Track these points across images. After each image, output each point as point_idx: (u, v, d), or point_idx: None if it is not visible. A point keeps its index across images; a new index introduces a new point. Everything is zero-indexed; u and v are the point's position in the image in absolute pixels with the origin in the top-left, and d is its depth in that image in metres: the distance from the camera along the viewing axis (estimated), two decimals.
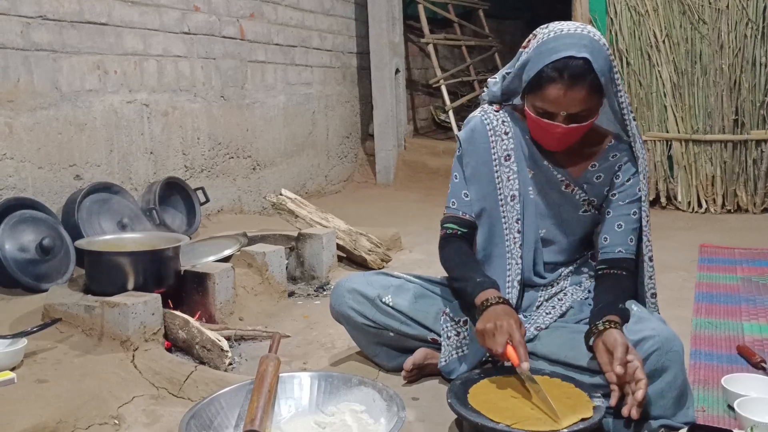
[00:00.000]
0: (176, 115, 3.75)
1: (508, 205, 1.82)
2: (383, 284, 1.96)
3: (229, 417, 1.62)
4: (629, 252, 1.80)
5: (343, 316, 2.00)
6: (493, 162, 1.83)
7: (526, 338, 1.79)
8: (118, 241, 2.43)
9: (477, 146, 1.84)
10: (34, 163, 2.91)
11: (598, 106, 1.70)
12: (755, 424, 1.54)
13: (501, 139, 1.83)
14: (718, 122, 4.44)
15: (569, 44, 1.63)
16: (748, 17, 4.29)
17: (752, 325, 2.36)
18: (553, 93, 1.64)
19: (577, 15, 4.67)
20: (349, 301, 1.95)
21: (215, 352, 2.05)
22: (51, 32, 2.97)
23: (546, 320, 1.82)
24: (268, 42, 4.64)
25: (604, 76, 1.64)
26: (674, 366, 1.57)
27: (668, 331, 1.61)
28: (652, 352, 1.56)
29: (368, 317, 1.95)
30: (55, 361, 1.98)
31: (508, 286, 1.82)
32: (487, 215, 1.84)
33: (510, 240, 1.82)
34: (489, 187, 1.83)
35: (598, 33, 1.70)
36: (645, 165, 1.82)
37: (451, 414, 1.63)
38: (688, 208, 4.52)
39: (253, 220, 4.07)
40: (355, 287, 1.96)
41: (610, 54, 1.68)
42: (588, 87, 1.63)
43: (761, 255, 3.23)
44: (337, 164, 5.74)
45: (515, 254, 1.82)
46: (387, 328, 1.94)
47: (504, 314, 1.63)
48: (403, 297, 1.93)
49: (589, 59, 1.61)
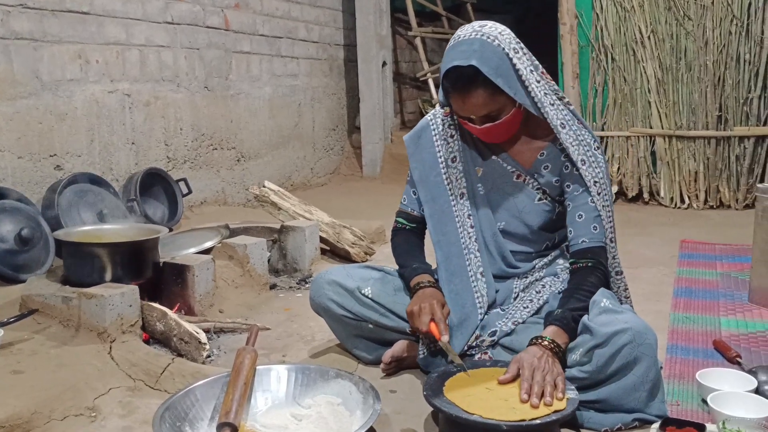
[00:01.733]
0: (158, 105, 3.72)
1: (459, 204, 1.90)
2: (363, 276, 1.98)
3: (204, 409, 1.61)
4: (594, 240, 1.79)
5: (322, 308, 2.00)
6: (440, 165, 1.91)
7: (504, 332, 1.82)
8: (98, 232, 2.41)
9: (423, 151, 1.93)
10: (13, 153, 2.88)
11: (509, 102, 1.72)
12: (727, 418, 1.55)
13: (447, 143, 1.91)
14: (701, 118, 4.46)
15: (458, 53, 1.68)
16: (733, 14, 4.31)
17: (729, 320, 2.38)
18: (455, 103, 1.75)
19: (563, 11, 4.67)
20: (329, 292, 1.97)
21: (193, 344, 2.05)
22: (31, 21, 2.94)
23: (523, 314, 1.85)
24: (254, 33, 4.61)
25: (501, 77, 1.67)
26: (647, 359, 1.58)
27: (641, 324, 1.62)
28: (624, 345, 1.57)
29: (347, 309, 1.96)
30: (31, 352, 1.96)
31: (472, 279, 1.87)
32: (440, 215, 1.91)
33: (464, 236, 1.89)
34: (439, 189, 1.91)
35: (496, 31, 1.71)
36: (591, 153, 1.78)
37: (427, 406, 1.63)
38: (671, 204, 4.55)
39: (237, 212, 4.06)
40: (334, 279, 1.97)
41: (508, 52, 1.69)
42: (483, 91, 1.68)
43: (741, 251, 3.25)
44: (323, 157, 5.72)
45: (472, 249, 1.89)
46: (366, 319, 1.96)
47: (429, 296, 1.77)
48: (382, 289, 1.95)
49: (476, 65, 1.64)
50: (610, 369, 1.59)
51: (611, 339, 1.58)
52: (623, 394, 1.60)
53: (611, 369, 1.59)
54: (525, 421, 1.47)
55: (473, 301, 1.86)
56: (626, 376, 1.58)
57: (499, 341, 1.84)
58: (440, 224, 1.91)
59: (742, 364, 1.96)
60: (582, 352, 1.63)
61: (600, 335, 1.59)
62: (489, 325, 1.85)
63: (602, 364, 1.59)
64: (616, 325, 1.59)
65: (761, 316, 2.40)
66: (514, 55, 1.71)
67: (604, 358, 1.59)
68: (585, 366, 1.62)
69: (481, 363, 1.77)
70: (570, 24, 4.68)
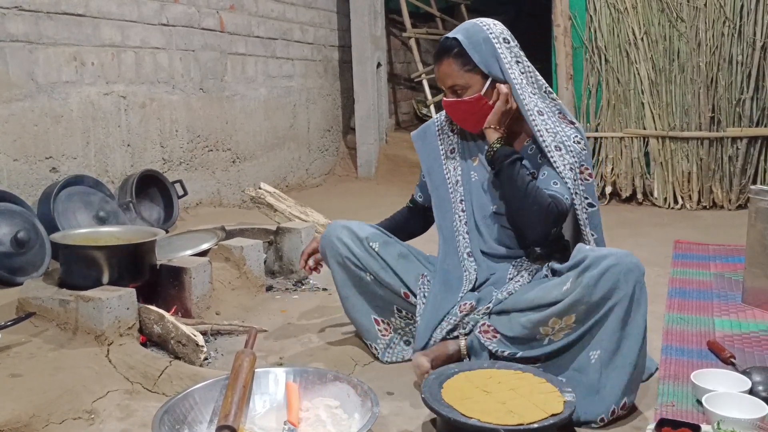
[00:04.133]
0: (154, 107, 3.72)
1: (454, 190, 2.08)
2: (374, 233, 2.12)
3: (203, 412, 1.62)
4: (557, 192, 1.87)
5: (331, 247, 2.10)
6: (441, 156, 2.12)
7: (498, 300, 1.91)
8: (94, 235, 2.41)
9: (427, 144, 2.16)
10: (9, 155, 2.88)
11: (478, 83, 1.90)
12: (722, 419, 1.57)
13: (447, 136, 2.12)
14: (694, 119, 4.49)
15: (455, 30, 1.95)
16: (726, 16, 4.34)
17: (723, 320, 2.40)
18: (435, 74, 2.01)
19: (557, 12, 4.69)
20: (341, 234, 2.09)
21: (190, 347, 2.05)
22: (27, 23, 2.93)
23: (516, 286, 1.93)
24: (249, 34, 4.61)
25: (478, 53, 1.88)
26: (631, 280, 1.66)
27: (627, 253, 1.70)
28: (611, 266, 1.66)
29: (353, 253, 2.07)
30: (29, 355, 1.96)
31: (461, 258, 2.03)
32: (441, 200, 2.10)
33: (456, 219, 2.06)
34: (440, 178, 2.11)
35: (491, 21, 1.95)
36: (570, 143, 1.90)
37: (425, 408, 1.65)
38: (665, 205, 4.58)
39: (233, 214, 4.05)
40: (348, 225, 2.12)
41: (494, 38, 1.89)
42: (453, 61, 1.90)
43: (734, 251, 3.28)
44: (318, 158, 5.73)
45: (461, 230, 2.05)
46: (367, 269, 2.07)
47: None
48: (388, 251, 2.08)
49: (458, 38, 1.89)
50: (598, 291, 1.66)
51: (599, 261, 1.68)
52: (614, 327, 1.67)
53: (599, 292, 1.66)
54: (523, 425, 1.48)
55: (460, 276, 1.99)
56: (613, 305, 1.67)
57: (494, 308, 1.91)
58: (441, 210, 2.09)
59: (736, 364, 1.98)
60: (573, 277, 1.72)
61: (589, 258, 1.70)
62: (484, 299, 1.94)
63: (592, 285, 1.67)
64: (604, 251, 1.72)
65: (754, 317, 2.43)
66: (502, 44, 1.90)
67: (593, 279, 1.67)
68: (576, 290, 1.69)
69: (477, 364, 1.79)
70: (564, 25, 4.70)
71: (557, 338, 1.77)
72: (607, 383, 1.67)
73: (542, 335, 1.79)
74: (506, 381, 1.67)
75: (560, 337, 1.76)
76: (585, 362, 1.71)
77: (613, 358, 1.67)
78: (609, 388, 1.67)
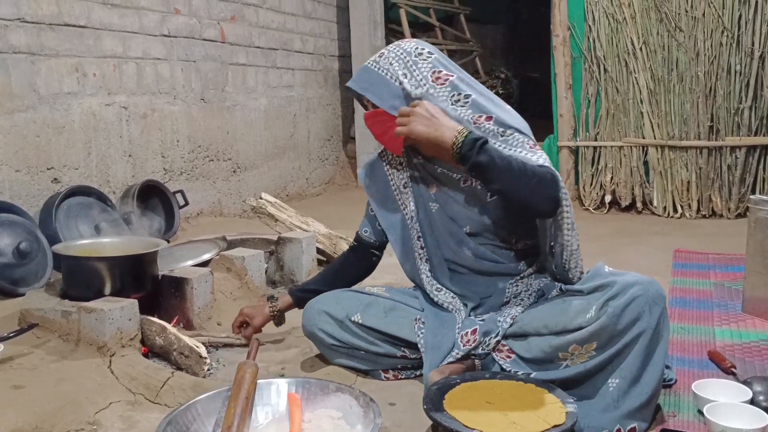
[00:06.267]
0: (155, 117, 3.74)
1: (411, 227, 2.01)
2: (353, 303, 2.02)
3: (206, 424, 1.62)
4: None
5: (315, 338, 2.07)
6: (394, 192, 2.04)
7: (504, 328, 1.84)
8: (96, 246, 2.41)
9: (377, 181, 2.08)
10: (11, 166, 2.89)
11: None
12: (723, 429, 1.57)
13: (397, 170, 2.04)
14: (693, 129, 4.51)
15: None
16: (724, 26, 4.36)
17: (723, 330, 2.41)
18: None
19: (556, 22, 4.72)
20: (320, 323, 2.02)
21: (193, 358, 2.05)
22: (29, 34, 2.95)
23: (518, 310, 1.88)
24: (249, 45, 4.63)
25: (371, 93, 1.87)
26: (657, 307, 1.63)
27: (649, 279, 1.68)
28: (637, 296, 1.63)
29: (338, 339, 2.01)
30: (31, 367, 1.97)
31: (432, 295, 1.99)
32: (401, 238, 2.04)
33: (416, 257, 2.02)
34: (397, 216, 2.04)
35: (390, 56, 1.90)
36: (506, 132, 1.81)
37: (427, 420, 1.65)
38: (664, 213, 4.58)
39: (233, 224, 4.06)
40: (324, 309, 2.03)
41: (397, 77, 1.85)
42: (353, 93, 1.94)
43: (734, 260, 3.28)
44: (319, 167, 5.74)
45: (423, 269, 2.01)
46: (358, 348, 2.01)
47: (254, 307, 2.29)
48: (372, 313, 1.99)
49: (349, 86, 1.95)
50: (623, 321, 1.63)
51: (625, 290, 1.64)
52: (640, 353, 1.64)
53: (623, 321, 1.63)
54: None
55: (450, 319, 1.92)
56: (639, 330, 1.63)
57: (505, 334, 1.85)
58: (403, 251, 2.04)
59: (736, 374, 1.98)
60: (596, 306, 1.67)
61: (615, 286, 1.66)
62: (490, 330, 1.86)
63: (617, 314, 1.63)
64: (629, 278, 1.67)
65: (755, 326, 2.43)
66: (404, 80, 1.85)
67: (619, 309, 1.63)
68: (601, 318, 1.66)
69: (480, 375, 1.79)
70: (563, 35, 4.73)
71: (574, 364, 1.73)
72: (621, 406, 1.65)
73: (560, 359, 1.76)
74: (509, 392, 1.68)
75: (577, 363, 1.72)
76: (603, 390, 1.68)
77: (633, 387, 1.65)
78: (621, 410, 1.65)
